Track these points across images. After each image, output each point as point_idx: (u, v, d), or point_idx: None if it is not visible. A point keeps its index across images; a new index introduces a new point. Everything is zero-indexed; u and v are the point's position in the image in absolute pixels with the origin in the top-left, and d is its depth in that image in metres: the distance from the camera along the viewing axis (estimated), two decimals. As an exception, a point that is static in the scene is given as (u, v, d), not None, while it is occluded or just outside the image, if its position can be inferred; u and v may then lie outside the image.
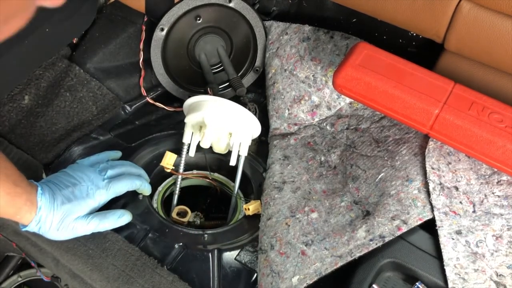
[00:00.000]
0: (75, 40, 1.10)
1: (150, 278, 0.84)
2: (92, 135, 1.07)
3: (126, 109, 1.14)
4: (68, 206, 0.82)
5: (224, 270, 0.89)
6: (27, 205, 0.79)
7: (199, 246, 0.91)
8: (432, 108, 0.81)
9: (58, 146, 1.03)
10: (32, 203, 0.79)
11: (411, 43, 1.07)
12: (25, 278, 1.00)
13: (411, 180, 0.85)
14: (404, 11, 0.91)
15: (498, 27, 0.83)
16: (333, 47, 1.03)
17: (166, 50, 1.11)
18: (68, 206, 0.82)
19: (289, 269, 0.81)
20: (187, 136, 0.97)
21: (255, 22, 1.11)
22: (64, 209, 0.82)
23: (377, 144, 0.94)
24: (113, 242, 0.88)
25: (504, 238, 0.78)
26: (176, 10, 1.07)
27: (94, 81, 1.08)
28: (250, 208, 0.94)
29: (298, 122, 1.04)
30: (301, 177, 0.95)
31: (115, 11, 1.13)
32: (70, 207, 0.82)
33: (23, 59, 0.95)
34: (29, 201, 0.79)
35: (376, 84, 0.84)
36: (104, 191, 0.87)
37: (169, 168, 0.98)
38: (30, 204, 0.79)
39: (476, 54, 0.90)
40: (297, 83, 1.04)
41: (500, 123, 0.79)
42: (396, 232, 0.79)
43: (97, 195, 0.86)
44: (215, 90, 1.08)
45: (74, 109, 1.06)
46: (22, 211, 0.79)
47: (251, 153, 1.04)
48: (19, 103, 1.02)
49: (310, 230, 0.85)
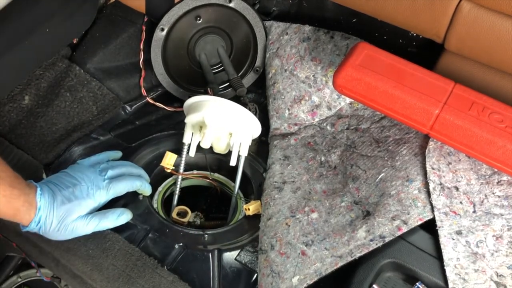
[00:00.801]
0: (75, 40, 1.10)
1: (150, 278, 0.84)
2: (92, 135, 1.07)
3: (126, 109, 1.14)
4: (68, 206, 0.82)
5: (224, 270, 0.89)
6: (25, 206, 0.78)
7: (199, 246, 0.91)
8: (432, 108, 0.81)
9: (58, 146, 1.03)
10: (31, 204, 0.79)
11: (411, 43, 1.07)
12: (25, 279, 1.00)
13: (411, 180, 0.85)
14: (404, 11, 0.91)
15: (498, 27, 0.83)
16: (333, 47, 1.03)
17: (166, 50, 1.11)
18: (68, 206, 0.82)
19: (289, 269, 0.81)
20: (187, 136, 0.97)
21: (255, 22, 1.11)
22: (64, 209, 0.82)
23: (377, 144, 0.94)
24: (113, 242, 0.88)
25: (504, 238, 0.78)
26: (176, 10, 1.07)
27: (95, 81, 1.08)
28: (250, 208, 0.94)
29: (299, 122, 1.04)
30: (301, 177, 0.95)
31: (115, 11, 1.13)
32: (70, 207, 0.82)
33: (23, 59, 0.95)
34: (27, 203, 0.79)
35: (376, 84, 0.84)
36: (104, 192, 0.87)
37: (169, 168, 0.98)
38: (28, 205, 0.79)
39: (476, 54, 0.90)
40: (298, 83, 1.04)
41: (500, 123, 0.79)
42: (396, 232, 0.79)
43: (97, 195, 0.86)
44: (215, 90, 1.08)
45: (74, 109, 1.06)
46: (21, 212, 0.79)
47: (251, 153, 1.04)
48: (19, 103, 1.01)
49: (310, 230, 0.85)
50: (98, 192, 0.86)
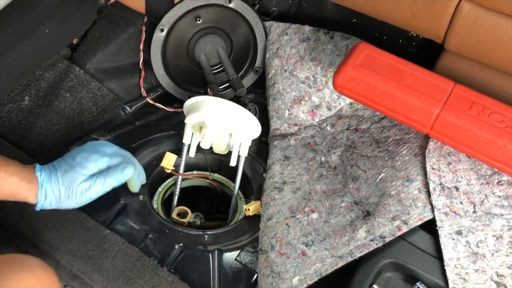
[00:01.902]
0: (75, 40, 1.10)
1: (150, 279, 0.84)
2: (92, 135, 1.07)
3: (126, 109, 1.14)
4: (71, 173, 0.82)
5: (224, 270, 0.89)
6: (23, 184, 0.79)
7: (199, 247, 0.91)
8: (432, 108, 0.81)
9: (58, 147, 1.03)
10: (30, 181, 0.79)
11: (411, 43, 1.07)
12: (25, 279, 1.00)
13: (411, 180, 0.84)
14: (404, 11, 0.91)
15: (498, 27, 0.83)
16: (333, 47, 1.03)
17: (166, 50, 1.11)
18: (71, 173, 0.82)
19: (289, 270, 0.81)
20: (187, 136, 0.97)
21: (255, 22, 1.11)
22: (68, 176, 0.82)
23: (378, 144, 0.94)
24: (113, 243, 0.88)
25: (504, 238, 0.78)
26: (176, 10, 1.07)
27: (94, 81, 1.08)
28: (250, 208, 0.94)
29: (298, 122, 1.04)
30: (301, 178, 0.95)
31: (115, 11, 1.13)
32: (73, 173, 0.82)
33: (23, 59, 0.95)
34: (25, 180, 0.79)
35: (376, 85, 0.84)
36: (106, 158, 0.87)
37: (169, 169, 0.98)
38: (26, 183, 0.79)
39: (476, 54, 0.90)
40: (297, 83, 1.04)
41: (500, 123, 0.79)
42: (397, 232, 0.79)
43: (99, 161, 0.86)
44: (215, 90, 1.08)
45: (74, 109, 1.06)
46: (22, 190, 0.79)
47: (251, 153, 1.04)
48: (19, 104, 1.02)
49: (311, 230, 0.85)
50: (99, 156, 0.86)
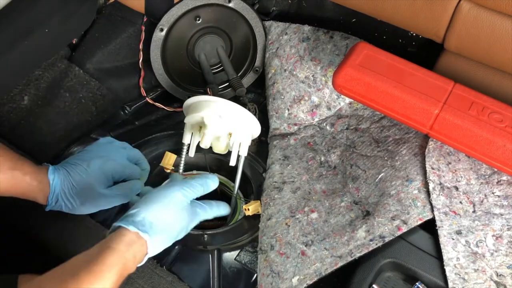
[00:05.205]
0: (75, 40, 1.10)
1: (149, 278, 0.84)
2: (91, 135, 1.07)
3: (126, 109, 1.14)
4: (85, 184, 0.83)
5: (224, 270, 0.89)
6: (34, 185, 0.79)
7: (199, 247, 0.91)
8: (432, 108, 0.81)
9: (58, 147, 1.03)
10: (41, 182, 0.80)
11: (411, 43, 1.07)
12: (24, 279, 1.00)
13: (411, 180, 0.84)
14: (404, 11, 0.91)
15: (498, 27, 0.83)
16: (332, 47, 1.03)
17: (165, 50, 1.11)
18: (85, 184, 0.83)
19: (289, 270, 0.81)
20: (187, 136, 0.97)
21: (254, 22, 1.11)
22: (82, 187, 0.83)
23: (377, 144, 0.94)
24: (113, 243, 0.88)
25: (504, 238, 0.78)
26: (175, 10, 1.07)
27: (94, 81, 1.08)
28: (250, 208, 0.94)
29: (298, 122, 1.04)
30: (301, 177, 0.95)
31: (115, 11, 1.13)
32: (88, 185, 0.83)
33: (22, 59, 0.95)
34: (37, 181, 0.79)
35: (376, 84, 0.84)
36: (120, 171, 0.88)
37: (169, 169, 0.97)
38: (38, 183, 0.79)
39: (476, 54, 0.90)
40: (297, 83, 1.04)
41: (500, 123, 0.79)
42: (396, 232, 0.79)
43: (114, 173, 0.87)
44: (214, 90, 1.08)
45: (73, 109, 1.06)
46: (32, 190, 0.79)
47: (251, 153, 1.04)
48: (19, 104, 1.01)
49: (310, 230, 0.85)
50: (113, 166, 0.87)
